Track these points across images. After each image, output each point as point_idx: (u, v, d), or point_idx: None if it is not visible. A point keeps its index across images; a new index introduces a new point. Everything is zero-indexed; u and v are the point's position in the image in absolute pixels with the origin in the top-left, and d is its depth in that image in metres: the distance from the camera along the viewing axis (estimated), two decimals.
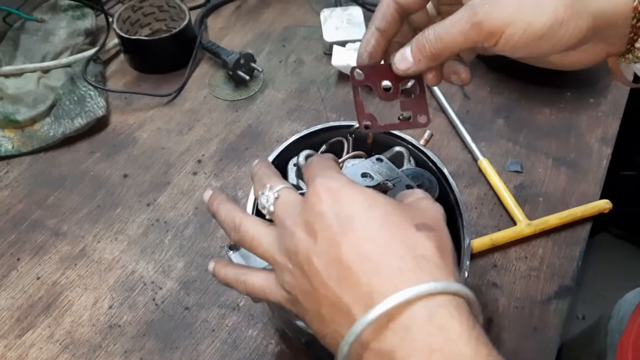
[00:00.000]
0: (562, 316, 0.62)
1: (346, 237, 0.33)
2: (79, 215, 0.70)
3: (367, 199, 0.34)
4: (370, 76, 0.43)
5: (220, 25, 0.96)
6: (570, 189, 0.73)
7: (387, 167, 0.51)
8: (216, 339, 0.59)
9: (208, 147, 0.77)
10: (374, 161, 0.51)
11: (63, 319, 0.61)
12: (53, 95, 0.79)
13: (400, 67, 0.41)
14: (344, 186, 0.35)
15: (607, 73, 0.87)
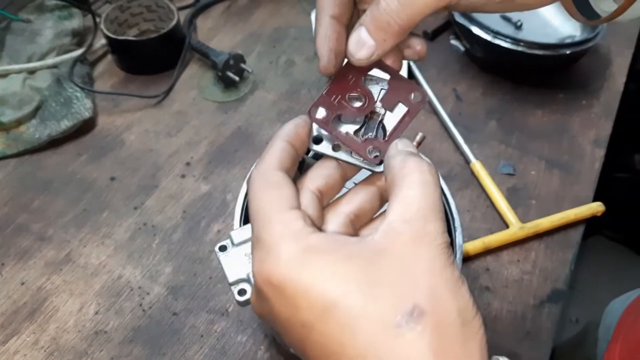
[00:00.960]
0: (555, 320, 0.61)
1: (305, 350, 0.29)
2: (65, 219, 0.69)
3: (321, 297, 0.27)
4: (333, 105, 0.36)
5: (209, 25, 0.95)
6: (563, 192, 0.72)
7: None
8: (205, 345, 0.58)
9: (197, 149, 0.76)
10: None
11: (48, 325, 0.60)
12: (39, 96, 0.78)
13: (361, 55, 0.35)
14: (289, 281, 0.28)
15: (600, 74, 0.87)
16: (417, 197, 0.30)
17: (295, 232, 0.30)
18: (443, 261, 0.28)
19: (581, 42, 0.80)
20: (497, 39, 0.80)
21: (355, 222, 0.35)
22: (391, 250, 0.29)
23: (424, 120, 0.79)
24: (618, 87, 0.85)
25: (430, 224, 0.29)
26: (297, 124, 0.36)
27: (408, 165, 0.32)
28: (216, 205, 0.70)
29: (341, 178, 0.37)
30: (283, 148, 0.34)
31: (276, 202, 0.32)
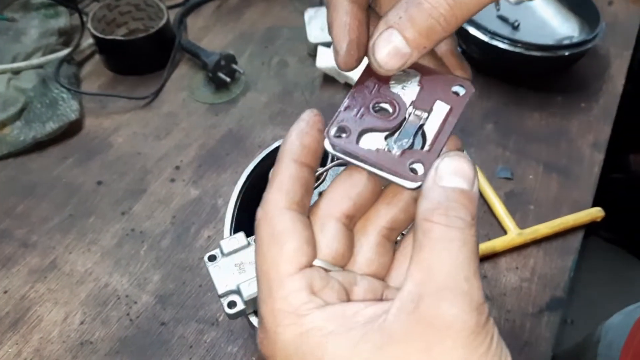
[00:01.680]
0: (554, 330, 0.60)
1: None
2: (50, 224, 0.67)
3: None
4: (355, 121, 0.29)
5: (200, 25, 0.93)
6: (561, 196, 0.71)
7: None
8: (194, 355, 0.57)
9: (187, 152, 0.74)
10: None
11: (31, 335, 0.58)
12: (24, 97, 0.76)
13: (392, 65, 0.27)
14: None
15: (598, 76, 0.85)
16: (435, 262, 0.24)
17: (295, 309, 0.25)
18: (466, 355, 0.23)
19: (580, 43, 0.78)
20: (494, 39, 0.78)
21: (390, 237, 0.30)
22: (401, 338, 0.23)
23: None
24: (617, 89, 0.84)
25: (446, 302, 0.23)
26: (301, 131, 0.28)
27: (433, 216, 0.24)
28: (206, 211, 0.68)
29: (373, 193, 0.29)
30: (290, 174, 0.27)
31: (279, 264, 0.26)
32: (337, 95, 0.81)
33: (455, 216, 0.24)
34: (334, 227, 0.28)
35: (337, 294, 0.27)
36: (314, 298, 0.25)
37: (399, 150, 0.28)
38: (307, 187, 0.28)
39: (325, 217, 0.28)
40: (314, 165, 0.29)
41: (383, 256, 0.29)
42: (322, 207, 0.29)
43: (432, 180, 0.25)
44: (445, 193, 0.25)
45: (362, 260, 0.29)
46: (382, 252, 0.29)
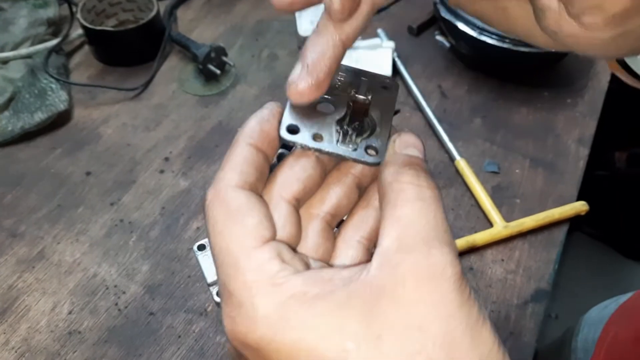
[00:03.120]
0: (538, 320, 0.61)
1: None
2: (38, 215, 0.67)
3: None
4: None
5: (190, 17, 0.93)
6: (547, 191, 0.72)
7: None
8: (182, 345, 0.57)
9: (176, 144, 0.74)
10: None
11: (19, 325, 0.58)
12: (12, 87, 0.76)
13: None
14: (271, 342, 0.24)
15: (584, 73, 0.86)
16: (414, 216, 0.25)
17: (271, 277, 0.24)
18: (456, 299, 0.23)
19: None
20: (482, 35, 0.79)
21: (332, 222, 0.30)
22: (391, 290, 0.23)
23: (408, 116, 0.78)
24: (602, 86, 0.85)
25: (435, 249, 0.23)
26: (262, 118, 0.29)
27: (402, 178, 0.26)
28: (195, 202, 0.68)
29: (320, 177, 0.30)
30: (245, 156, 0.27)
31: (242, 238, 0.25)
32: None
33: (424, 178, 0.26)
34: (285, 209, 0.28)
35: (305, 265, 0.26)
36: (286, 266, 0.25)
37: (353, 132, 0.29)
38: (261, 171, 0.28)
39: (276, 199, 0.28)
40: (270, 154, 0.29)
41: (327, 241, 0.30)
42: (274, 189, 0.28)
43: (392, 150, 0.28)
44: (408, 159, 0.27)
45: (310, 244, 0.29)
46: (326, 237, 0.29)
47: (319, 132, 0.29)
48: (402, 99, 0.80)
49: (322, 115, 0.30)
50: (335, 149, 0.29)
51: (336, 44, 0.29)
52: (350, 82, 0.31)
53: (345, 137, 0.29)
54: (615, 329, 0.64)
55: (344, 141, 0.29)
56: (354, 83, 0.31)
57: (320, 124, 0.30)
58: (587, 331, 0.70)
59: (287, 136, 0.29)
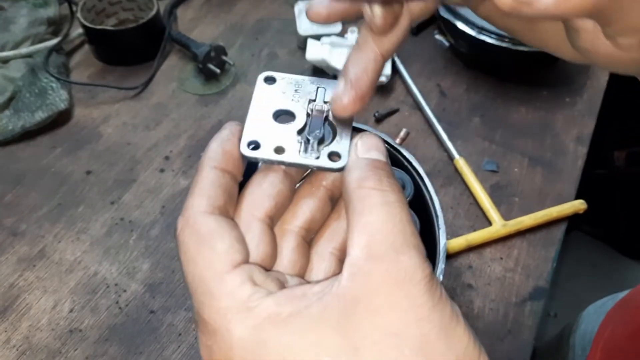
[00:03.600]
0: (536, 318, 0.61)
1: None
2: (39, 213, 0.67)
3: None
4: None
5: (190, 16, 0.93)
6: (545, 189, 0.72)
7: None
8: (183, 343, 0.57)
9: (176, 143, 0.75)
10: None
11: (20, 323, 0.58)
12: (12, 87, 0.76)
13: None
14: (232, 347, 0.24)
15: (583, 72, 0.87)
16: (380, 222, 0.24)
17: (244, 302, 0.24)
18: (428, 301, 0.23)
19: None
20: (481, 34, 0.79)
21: (306, 237, 0.30)
22: (364, 299, 0.23)
23: (407, 115, 0.78)
24: (601, 85, 0.85)
25: (403, 255, 0.24)
26: (223, 139, 0.28)
27: (365, 183, 0.26)
28: None
29: (290, 190, 0.30)
30: (211, 180, 0.27)
31: (213, 264, 0.25)
32: None
33: (388, 182, 0.26)
34: (258, 229, 0.28)
35: (279, 286, 0.26)
36: (259, 289, 0.24)
37: (315, 141, 0.29)
38: (230, 193, 0.28)
39: (248, 219, 0.28)
40: (236, 174, 0.28)
41: (303, 257, 0.29)
42: (244, 209, 0.28)
43: (354, 155, 0.28)
44: (371, 163, 0.27)
45: (286, 261, 0.29)
46: (302, 252, 0.29)
47: (281, 145, 0.29)
48: (401, 97, 0.80)
49: (282, 127, 0.30)
50: (298, 159, 0.29)
51: (377, 58, 0.29)
52: (307, 92, 0.32)
53: (307, 147, 0.29)
54: (612, 325, 0.64)
55: (306, 150, 0.29)
56: (311, 92, 0.31)
57: (281, 137, 0.30)
58: (584, 328, 0.70)
59: (248, 153, 0.29)
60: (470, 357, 0.23)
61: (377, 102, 0.79)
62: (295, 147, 0.29)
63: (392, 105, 0.79)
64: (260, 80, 0.32)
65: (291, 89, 0.32)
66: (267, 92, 0.32)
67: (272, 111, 0.31)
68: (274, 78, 0.32)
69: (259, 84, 0.32)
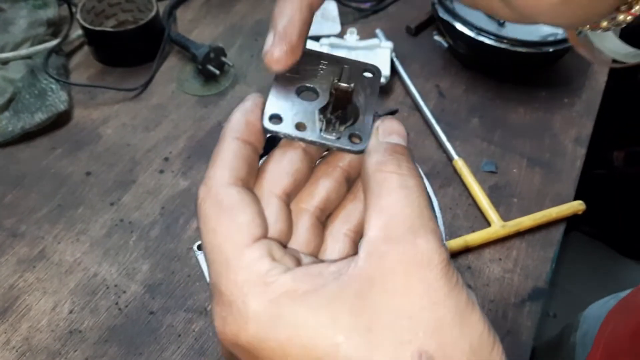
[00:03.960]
0: (535, 319, 0.61)
1: None
2: (39, 214, 0.67)
3: (306, 355, 0.23)
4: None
5: (189, 17, 0.93)
6: (544, 190, 0.72)
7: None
8: (182, 344, 0.57)
9: (176, 144, 0.75)
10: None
11: (20, 324, 0.58)
12: (12, 88, 0.76)
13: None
14: (263, 340, 0.23)
15: (581, 73, 0.87)
16: (399, 205, 0.25)
17: (262, 276, 0.24)
18: (444, 286, 0.23)
19: (564, 40, 0.80)
20: (480, 35, 0.79)
21: (321, 217, 0.30)
22: (380, 280, 0.23)
23: (406, 116, 0.79)
24: (599, 86, 0.85)
25: (421, 238, 0.23)
26: (246, 110, 0.28)
27: (385, 167, 0.26)
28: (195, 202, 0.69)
29: (309, 169, 0.29)
30: (234, 151, 0.27)
31: (233, 236, 0.25)
32: None
33: (407, 166, 0.26)
34: (276, 205, 0.28)
35: (296, 262, 0.26)
36: (277, 264, 0.24)
37: (337, 121, 0.29)
38: (251, 165, 0.28)
39: (267, 194, 0.28)
40: (258, 146, 0.28)
41: (317, 237, 0.29)
42: (264, 184, 0.28)
43: (375, 139, 0.28)
44: (391, 147, 0.27)
45: (301, 239, 0.29)
46: (316, 232, 0.29)
47: (302, 121, 0.29)
48: (400, 98, 0.80)
49: (305, 103, 0.30)
50: (318, 138, 0.29)
51: (303, 7, 0.29)
52: (332, 70, 0.31)
53: (328, 126, 0.29)
54: (613, 325, 0.65)
55: (327, 130, 0.29)
56: (336, 71, 0.31)
57: (303, 113, 0.29)
58: (586, 327, 0.70)
59: (270, 126, 0.28)
60: (484, 346, 0.23)
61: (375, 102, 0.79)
62: (317, 126, 0.29)
63: (391, 106, 0.79)
64: None
65: (316, 65, 0.31)
66: (291, 68, 0.30)
67: (295, 87, 0.30)
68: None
69: None
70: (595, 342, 0.65)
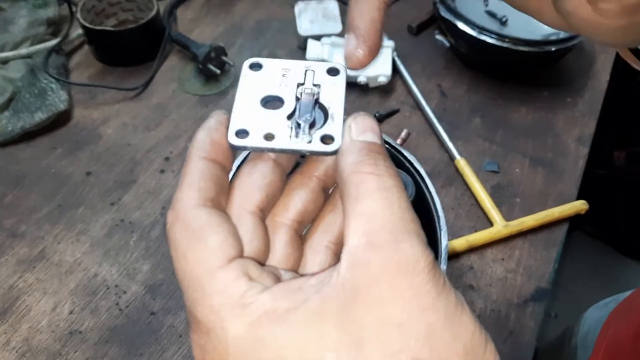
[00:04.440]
0: (538, 320, 0.61)
1: None
2: (39, 215, 0.67)
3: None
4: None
5: (190, 16, 0.93)
6: (547, 190, 0.72)
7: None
8: (183, 345, 0.57)
9: (176, 144, 0.74)
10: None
11: (20, 325, 0.58)
12: (12, 87, 0.76)
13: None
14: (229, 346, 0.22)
15: (584, 72, 0.87)
16: (378, 209, 0.23)
17: (239, 298, 0.23)
18: (432, 290, 0.22)
19: (566, 39, 0.79)
20: (482, 34, 0.79)
21: (299, 230, 0.29)
22: (365, 290, 0.22)
23: (408, 115, 0.78)
24: (602, 85, 0.85)
25: (404, 242, 0.22)
26: (210, 128, 0.27)
27: (361, 168, 0.25)
28: None
29: (281, 180, 0.28)
30: (201, 171, 0.26)
31: (205, 260, 0.23)
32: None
33: (384, 165, 0.25)
34: (250, 222, 0.26)
35: (274, 280, 0.25)
36: (254, 284, 0.23)
37: (306, 125, 0.28)
38: (220, 184, 0.26)
39: (239, 212, 0.27)
40: (226, 164, 0.27)
41: (296, 250, 0.28)
42: (234, 201, 0.27)
43: (348, 138, 0.26)
44: (367, 146, 0.25)
45: (279, 255, 0.28)
46: (295, 246, 0.28)
47: (270, 132, 0.27)
48: (401, 98, 0.80)
49: (271, 113, 0.28)
50: (289, 144, 0.27)
51: (380, 6, 0.29)
52: (294, 76, 0.30)
53: (298, 131, 0.28)
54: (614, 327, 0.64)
55: (297, 135, 0.27)
56: (299, 76, 0.30)
57: (270, 123, 0.28)
58: (587, 329, 0.70)
59: (236, 142, 0.27)
60: (477, 345, 0.22)
61: (377, 102, 0.79)
62: (286, 133, 0.28)
63: (392, 106, 0.79)
64: (246, 67, 0.30)
65: (278, 74, 0.30)
66: (253, 78, 0.30)
67: (259, 98, 0.29)
68: (260, 64, 0.30)
69: (244, 71, 0.30)
70: (596, 344, 0.65)
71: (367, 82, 0.79)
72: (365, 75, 0.78)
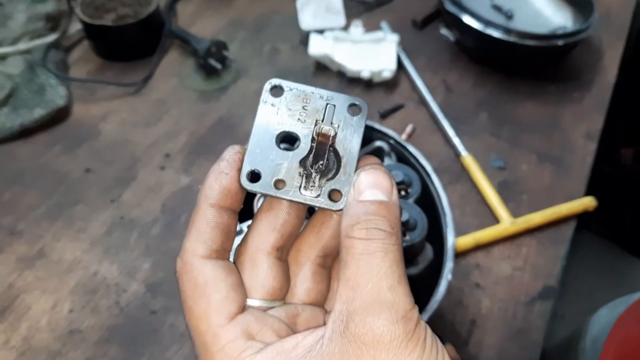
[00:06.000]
0: (545, 318, 0.60)
1: None
2: (37, 212, 0.66)
3: None
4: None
5: (190, 11, 0.92)
6: (554, 186, 0.71)
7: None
8: (184, 344, 0.56)
9: (177, 140, 0.73)
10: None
11: (19, 324, 0.57)
12: (10, 83, 0.75)
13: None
14: None
15: (591, 67, 0.85)
16: (359, 277, 0.24)
17: (235, 358, 0.25)
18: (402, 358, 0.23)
19: (573, 33, 0.78)
20: (488, 28, 0.78)
21: (323, 263, 0.30)
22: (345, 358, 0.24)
23: (413, 111, 0.77)
24: (609, 80, 0.84)
25: (372, 316, 0.23)
26: (220, 172, 0.27)
27: (352, 232, 0.25)
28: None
29: (298, 218, 0.29)
30: (208, 219, 0.27)
31: (208, 317, 0.25)
32: (330, 83, 0.80)
33: (375, 228, 0.25)
34: (265, 262, 0.28)
35: (276, 332, 0.26)
36: (252, 343, 0.25)
37: (317, 175, 0.28)
38: (227, 231, 0.27)
39: (255, 253, 0.28)
40: (235, 207, 0.28)
41: (320, 283, 0.29)
42: (250, 243, 0.28)
43: (352, 197, 0.26)
44: (364, 207, 0.26)
45: (300, 290, 0.29)
46: (318, 279, 0.29)
47: (281, 178, 0.28)
48: (406, 93, 0.79)
49: (285, 154, 0.28)
50: (297, 196, 0.28)
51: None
52: (315, 109, 0.29)
53: (308, 181, 0.28)
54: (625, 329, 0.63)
55: (306, 186, 0.28)
56: (319, 109, 0.29)
57: (282, 166, 0.28)
58: (596, 332, 0.69)
59: (248, 185, 0.27)
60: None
61: (381, 97, 0.78)
62: (296, 181, 0.28)
63: (397, 101, 0.77)
64: (267, 89, 0.30)
65: (299, 104, 0.29)
66: (272, 109, 0.29)
67: (275, 133, 0.29)
68: (282, 87, 0.30)
69: (264, 95, 0.30)
70: (605, 346, 0.64)
71: (371, 77, 0.78)
72: (370, 70, 0.77)
